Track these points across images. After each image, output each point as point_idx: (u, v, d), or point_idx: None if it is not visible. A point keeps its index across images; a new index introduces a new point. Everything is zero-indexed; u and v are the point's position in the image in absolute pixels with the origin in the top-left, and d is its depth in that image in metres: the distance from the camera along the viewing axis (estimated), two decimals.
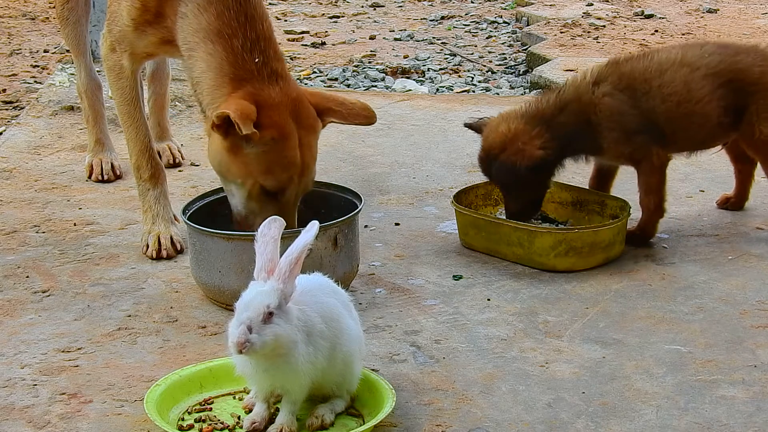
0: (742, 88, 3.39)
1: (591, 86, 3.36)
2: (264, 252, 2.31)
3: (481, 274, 3.26)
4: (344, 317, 2.42)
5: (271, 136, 2.92)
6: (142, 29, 3.22)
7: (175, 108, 4.88)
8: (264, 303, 2.23)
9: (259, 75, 2.97)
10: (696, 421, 2.45)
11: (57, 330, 2.89)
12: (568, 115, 3.35)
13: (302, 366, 2.29)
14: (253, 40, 3.00)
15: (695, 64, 3.37)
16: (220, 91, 2.99)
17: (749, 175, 3.68)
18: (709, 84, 3.36)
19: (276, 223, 2.35)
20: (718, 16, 7.29)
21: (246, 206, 3.01)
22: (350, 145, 4.43)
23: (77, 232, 3.57)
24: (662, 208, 3.43)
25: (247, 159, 2.94)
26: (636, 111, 3.33)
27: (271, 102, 2.94)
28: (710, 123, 3.39)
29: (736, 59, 3.41)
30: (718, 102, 3.37)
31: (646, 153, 3.36)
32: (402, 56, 6.60)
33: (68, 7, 4.02)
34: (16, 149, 4.38)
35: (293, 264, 2.26)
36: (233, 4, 3.02)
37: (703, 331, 2.88)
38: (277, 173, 2.95)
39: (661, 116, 3.34)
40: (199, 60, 3.05)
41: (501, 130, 3.36)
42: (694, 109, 3.35)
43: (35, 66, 6.15)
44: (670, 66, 3.37)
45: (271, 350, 2.25)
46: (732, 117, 3.41)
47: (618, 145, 3.35)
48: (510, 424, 2.43)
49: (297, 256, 2.27)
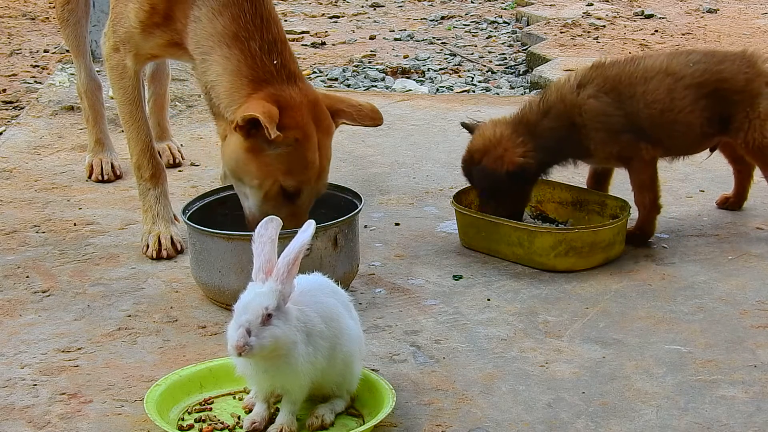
0: (727, 96, 3.38)
1: (575, 89, 3.36)
2: (262, 253, 2.31)
3: (481, 274, 3.26)
4: (344, 317, 2.42)
5: (294, 137, 2.92)
6: (149, 31, 3.21)
7: (175, 108, 4.89)
8: (262, 305, 2.22)
9: (278, 76, 2.97)
10: (696, 421, 2.45)
11: (57, 330, 2.89)
12: (552, 119, 3.35)
13: (302, 366, 2.29)
14: (271, 42, 3.00)
15: (679, 74, 3.37)
16: (240, 93, 2.98)
17: (748, 175, 3.69)
18: (692, 94, 3.35)
19: (273, 223, 2.34)
20: (718, 16, 7.30)
21: (261, 208, 3.00)
22: (350, 145, 4.43)
23: (77, 232, 3.57)
24: (658, 205, 3.43)
25: (268, 160, 2.94)
26: (621, 112, 3.34)
27: (293, 103, 2.94)
28: (694, 132, 3.39)
29: (721, 68, 3.40)
30: (701, 112, 3.36)
31: (635, 150, 3.36)
32: (402, 56, 6.60)
33: (68, 8, 4.02)
34: (16, 149, 4.38)
35: (291, 264, 2.26)
36: (248, 7, 3.02)
37: (703, 331, 2.88)
38: (297, 174, 2.95)
39: (645, 121, 3.35)
40: (214, 63, 3.04)
41: (487, 135, 3.38)
42: (677, 118, 3.35)
43: (35, 66, 6.16)
44: (655, 74, 3.37)
45: (270, 352, 2.25)
46: (717, 126, 3.40)
47: (605, 145, 3.35)
48: (510, 424, 2.43)
49: (294, 256, 2.26)
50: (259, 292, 2.25)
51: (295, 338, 2.26)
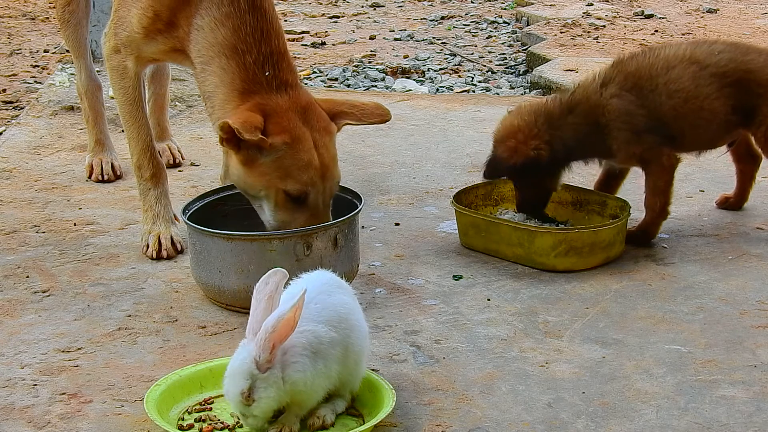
0: (751, 88, 3.37)
1: (599, 88, 3.36)
2: (256, 311, 2.30)
3: (481, 274, 3.26)
4: (354, 311, 2.42)
5: (282, 141, 2.92)
6: (152, 37, 3.21)
7: (175, 108, 4.89)
8: (237, 392, 2.24)
9: (267, 86, 2.98)
10: (696, 421, 2.45)
11: (57, 330, 2.89)
12: (577, 117, 3.35)
13: (316, 387, 2.30)
14: (267, 55, 3.00)
15: (705, 62, 3.36)
16: (230, 105, 3.00)
17: (751, 176, 3.68)
18: (718, 81, 3.35)
19: (275, 277, 2.32)
20: (718, 16, 7.29)
21: (276, 218, 2.99)
22: (350, 145, 4.43)
23: (77, 232, 3.57)
24: (667, 211, 3.43)
25: (264, 168, 2.94)
26: (644, 110, 3.33)
27: (279, 109, 2.95)
28: (717, 120, 3.38)
29: (747, 59, 3.40)
30: (726, 100, 3.36)
31: (657, 154, 3.36)
32: (402, 56, 6.60)
33: (69, 9, 4.02)
34: (16, 149, 4.38)
35: (270, 335, 2.22)
36: (250, 20, 3.02)
37: (703, 331, 2.88)
38: (296, 176, 2.94)
39: (669, 113, 3.34)
40: (212, 74, 3.05)
41: (507, 123, 3.39)
42: (702, 105, 3.34)
43: (35, 66, 6.15)
44: (678, 62, 3.36)
45: (274, 409, 2.28)
46: (740, 116, 3.40)
47: (629, 145, 3.34)
48: (510, 424, 2.43)
49: (274, 326, 2.22)
50: (232, 372, 2.26)
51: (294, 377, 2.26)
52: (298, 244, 2.89)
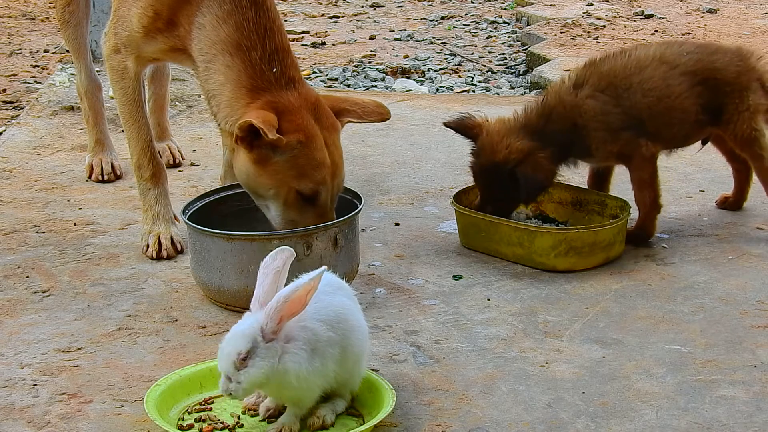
0: (719, 87, 3.43)
1: (572, 90, 3.38)
2: (262, 283, 2.31)
3: (481, 274, 3.26)
4: (353, 313, 2.41)
5: (297, 139, 2.91)
6: (152, 36, 3.20)
7: (175, 108, 4.89)
8: (233, 352, 2.23)
9: (276, 84, 2.97)
10: (696, 421, 2.45)
11: (57, 330, 2.89)
12: (554, 122, 3.37)
13: (311, 383, 2.29)
14: (272, 51, 3.00)
15: (674, 62, 3.42)
16: (239, 103, 2.98)
17: (747, 175, 3.69)
18: (687, 81, 3.40)
19: (284, 254, 2.33)
20: (718, 16, 7.29)
21: (284, 217, 2.99)
22: (350, 145, 4.42)
23: (77, 232, 3.57)
24: (658, 204, 3.43)
25: (277, 167, 2.93)
26: (619, 109, 3.36)
27: (291, 107, 2.94)
28: (689, 119, 3.43)
29: (713, 58, 3.46)
30: (696, 99, 3.41)
31: (635, 147, 3.38)
32: (402, 56, 6.60)
33: (69, 10, 4.02)
34: (16, 149, 4.38)
35: (281, 305, 2.23)
36: (252, 16, 3.01)
37: (703, 331, 2.88)
38: (310, 175, 2.94)
39: (644, 111, 3.37)
40: (216, 72, 3.04)
41: (495, 139, 3.39)
42: (674, 104, 3.39)
43: (35, 66, 6.16)
44: (649, 63, 3.41)
45: (259, 387, 2.27)
46: (709, 115, 3.44)
47: (606, 144, 3.37)
48: (510, 424, 2.43)
49: (286, 298, 2.23)
50: (235, 334, 2.25)
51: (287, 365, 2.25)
52: (298, 244, 2.89)
